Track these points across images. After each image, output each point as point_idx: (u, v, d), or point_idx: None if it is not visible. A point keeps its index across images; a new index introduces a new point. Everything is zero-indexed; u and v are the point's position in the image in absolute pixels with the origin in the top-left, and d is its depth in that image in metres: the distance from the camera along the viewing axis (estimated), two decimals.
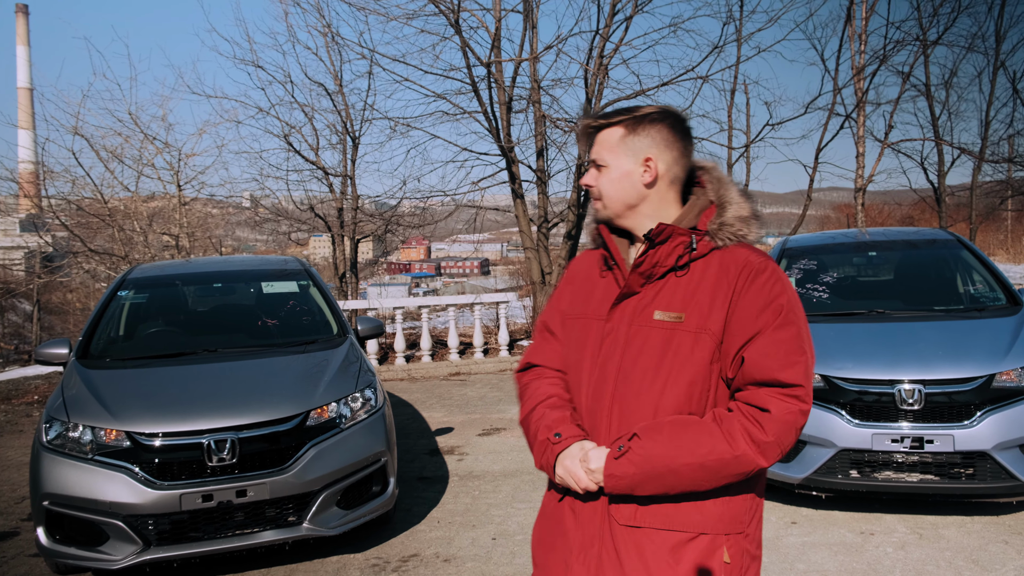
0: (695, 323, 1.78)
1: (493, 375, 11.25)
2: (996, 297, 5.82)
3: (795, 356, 1.72)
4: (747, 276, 1.77)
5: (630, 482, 1.72)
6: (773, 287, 1.77)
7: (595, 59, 12.37)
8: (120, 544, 4.08)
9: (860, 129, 14.81)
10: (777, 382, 1.71)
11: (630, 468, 1.71)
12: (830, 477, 4.82)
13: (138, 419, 4.24)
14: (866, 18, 14.45)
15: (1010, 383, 4.71)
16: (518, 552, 4.60)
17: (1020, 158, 16.18)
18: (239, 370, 4.83)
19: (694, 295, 1.80)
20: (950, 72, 16.09)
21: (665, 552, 1.74)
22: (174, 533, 4.14)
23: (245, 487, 4.17)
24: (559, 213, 14.20)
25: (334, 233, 13.44)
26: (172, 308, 5.84)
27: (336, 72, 12.98)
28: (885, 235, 7.12)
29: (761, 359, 1.72)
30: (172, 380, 4.69)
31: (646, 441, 1.72)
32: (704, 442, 1.70)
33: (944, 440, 4.59)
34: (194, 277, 6.20)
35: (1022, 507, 4.95)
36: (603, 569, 1.78)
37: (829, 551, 4.44)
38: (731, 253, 1.82)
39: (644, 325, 1.82)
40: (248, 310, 5.95)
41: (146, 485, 4.07)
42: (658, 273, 1.84)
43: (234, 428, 4.24)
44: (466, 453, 6.89)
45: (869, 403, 4.79)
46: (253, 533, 4.25)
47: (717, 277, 1.80)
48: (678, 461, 1.69)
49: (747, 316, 1.75)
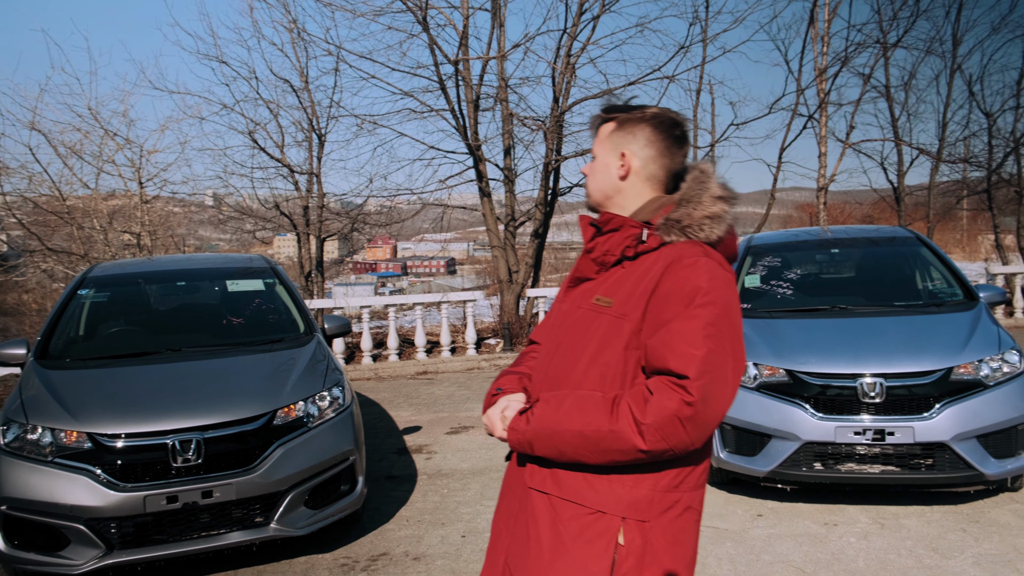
0: (618, 309, 1.83)
1: (461, 374, 11.23)
2: (953, 293, 5.96)
3: (691, 347, 1.70)
4: (673, 268, 1.79)
5: (525, 437, 1.84)
6: (694, 279, 1.76)
7: (563, 58, 12.40)
8: (82, 548, 4.00)
9: (822, 129, 15.05)
10: (668, 370, 1.72)
11: (525, 425, 1.83)
12: (795, 470, 4.90)
13: (100, 420, 4.16)
14: (828, 20, 14.69)
15: (967, 376, 4.83)
16: None
17: (975, 159, 16.57)
18: (204, 369, 4.76)
19: (624, 283, 1.86)
20: (909, 74, 16.43)
21: (564, 521, 1.81)
22: (138, 536, 4.07)
23: (211, 488, 4.11)
24: (526, 212, 14.21)
25: (300, 232, 13.30)
26: (134, 307, 5.74)
27: (302, 68, 12.85)
28: (847, 233, 7.25)
29: (659, 347, 1.74)
30: (135, 380, 4.61)
31: (544, 404, 1.83)
32: (589, 412, 1.75)
33: (905, 432, 4.69)
34: (157, 275, 6.10)
35: (980, 496, 5.07)
36: (516, 529, 1.91)
37: (794, 542, 4.51)
38: (674, 248, 1.84)
39: (584, 307, 1.93)
40: (213, 309, 5.86)
41: (108, 487, 3.99)
42: (610, 261, 1.92)
43: (199, 428, 4.18)
44: (434, 452, 6.87)
45: (832, 397, 4.87)
46: (220, 535, 4.19)
47: (648, 268, 1.84)
48: (562, 425, 1.77)
49: (660, 306, 1.78)
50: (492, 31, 12.69)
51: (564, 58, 12.43)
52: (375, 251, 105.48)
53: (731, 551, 4.42)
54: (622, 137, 1.95)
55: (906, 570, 4.08)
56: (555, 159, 12.92)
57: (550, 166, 12.94)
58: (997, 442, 4.75)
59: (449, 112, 12.31)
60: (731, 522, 4.86)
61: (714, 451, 5.20)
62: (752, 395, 5.05)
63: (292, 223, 13.19)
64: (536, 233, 13.65)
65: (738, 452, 5.12)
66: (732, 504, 5.17)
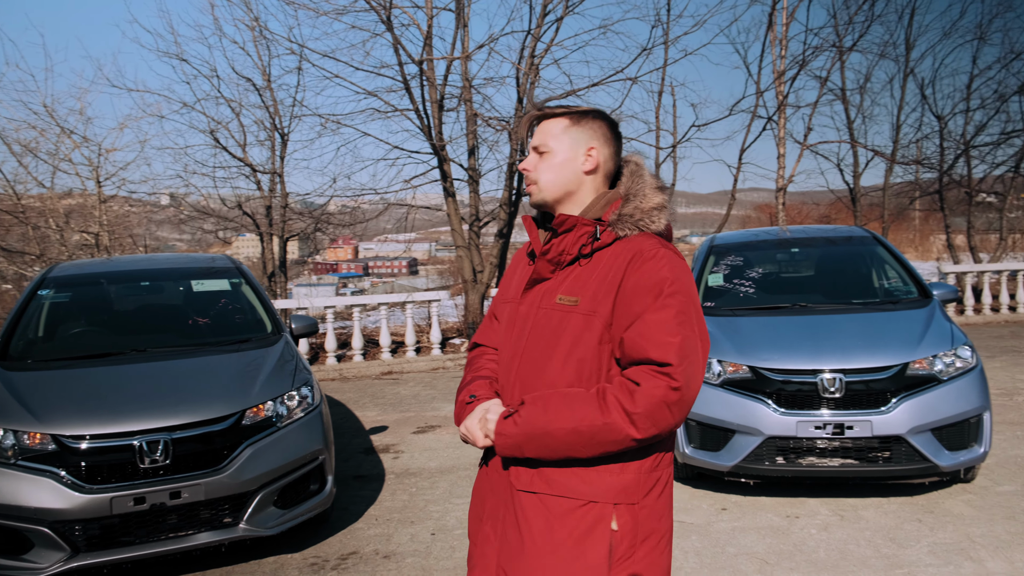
0: (586, 306, 1.90)
1: (426, 373, 11.23)
2: (909, 290, 6.14)
3: (668, 336, 1.80)
4: (636, 263, 1.88)
5: (514, 441, 1.87)
6: (659, 272, 1.85)
7: (527, 59, 12.48)
8: (46, 552, 3.94)
9: (781, 131, 15.34)
10: (649, 360, 1.81)
11: (514, 428, 1.87)
12: (757, 464, 5.01)
13: (64, 421, 4.10)
14: (786, 24, 14.98)
15: (923, 371, 4.99)
16: (457, 547, 4.63)
17: (927, 161, 17.03)
18: (171, 370, 4.72)
19: (588, 280, 1.93)
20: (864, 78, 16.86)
21: (557, 517, 1.86)
22: (104, 538, 4.02)
23: (179, 488, 4.08)
24: (490, 212, 14.27)
25: (263, 231, 13.18)
26: (97, 307, 5.64)
27: (264, 67, 12.75)
28: (806, 233, 7.42)
29: (637, 339, 1.83)
30: (100, 381, 4.55)
31: (530, 406, 1.87)
32: (579, 409, 1.82)
33: (863, 426, 4.83)
34: (120, 275, 6.00)
35: (935, 487, 5.24)
36: (507, 532, 1.93)
37: (758, 534, 4.62)
38: (630, 242, 1.94)
39: (546, 307, 1.96)
40: (178, 309, 5.80)
41: (74, 489, 3.94)
42: (565, 261, 1.97)
43: (167, 429, 4.15)
44: (402, 451, 6.87)
45: (793, 392, 4.99)
46: (188, 535, 4.16)
47: (609, 264, 1.92)
48: (554, 424, 1.83)
49: (630, 300, 1.86)
50: (456, 31, 12.72)
51: (528, 59, 12.51)
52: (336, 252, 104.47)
53: (697, 544, 4.51)
54: (583, 132, 2.00)
55: (865, 559, 4.21)
56: (520, 159, 13.00)
57: (515, 166, 13.00)
58: (951, 435, 4.91)
59: (413, 112, 12.31)
60: (696, 516, 4.96)
61: (679, 447, 5.29)
62: (716, 391, 5.15)
63: (255, 223, 13.06)
64: (500, 233, 13.71)
65: (703, 447, 5.22)
66: (697, 499, 5.27)
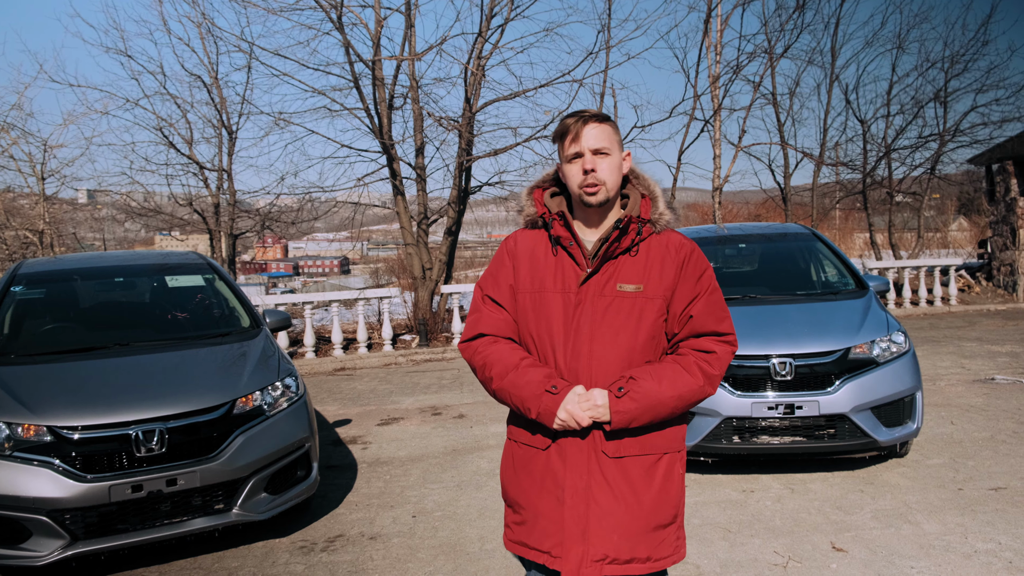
0: (651, 291, 2.24)
1: (379, 369, 11.38)
2: (846, 282, 6.65)
3: (726, 313, 2.31)
4: (685, 254, 2.29)
5: (631, 416, 2.15)
6: (703, 262, 2.32)
7: (475, 60, 12.72)
8: (44, 540, 4.03)
9: (717, 133, 15.98)
10: (716, 332, 2.29)
11: (631, 404, 2.15)
12: (716, 443, 5.40)
13: (60, 413, 4.18)
14: (721, 31, 15.61)
15: (863, 355, 5.46)
16: (440, 527, 4.87)
17: (852, 162, 17.96)
18: (158, 362, 4.82)
19: (647, 270, 2.25)
20: (794, 83, 17.74)
21: (642, 471, 2.23)
22: (102, 525, 4.13)
23: (175, 476, 4.21)
24: (438, 210, 14.46)
25: (211, 229, 13.08)
26: (73, 303, 5.67)
27: (211, 64, 12.70)
28: (751, 229, 7.90)
29: (704, 316, 2.28)
30: (90, 373, 4.63)
31: (641, 382, 2.17)
32: (680, 378, 2.20)
33: (810, 406, 5.26)
34: (92, 272, 6.02)
35: (874, 462, 5.73)
36: (593, 496, 2.20)
37: (718, 507, 5.00)
38: (666, 237, 2.32)
39: (611, 295, 2.24)
40: (155, 304, 5.86)
41: (72, 478, 4.03)
42: (615, 253, 2.25)
43: (161, 419, 4.27)
44: (370, 442, 7.06)
45: (747, 375, 5.40)
46: (183, 522, 4.29)
47: (662, 256, 2.27)
48: (665, 394, 2.18)
49: (689, 284, 2.27)
50: (406, 32, 12.87)
51: (476, 60, 12.76)
52: (265, 251, 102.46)
53: None
54: (619, 136, 2.29)
55: (817, 525, 4.63)
56: (467, 159, 13.23)
57: (462, 165, 13.23)
58: (888, 413, 5.40)
59: (363, 111, 12.42)
60: None
61: None
62: None
63: (204, 220, 12.96)
64: (449, 231, 13.92)
65: None
66: None
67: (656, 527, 2.24)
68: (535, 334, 2.29)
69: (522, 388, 2.21)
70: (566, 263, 2.28)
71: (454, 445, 6.82)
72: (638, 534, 2.21)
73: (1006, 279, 15.70)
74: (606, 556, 2.20)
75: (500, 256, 2.42)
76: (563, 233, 2.28)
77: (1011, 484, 5.15)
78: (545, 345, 2.27)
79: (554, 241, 2.30)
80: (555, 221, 2.30)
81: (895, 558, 4.12)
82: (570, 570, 2.20)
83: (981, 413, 7.01)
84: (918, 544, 4.29)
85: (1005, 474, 5.35)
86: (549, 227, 2.32)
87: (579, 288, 2.25)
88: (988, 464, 5.58)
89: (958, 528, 4.48)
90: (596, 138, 2.21)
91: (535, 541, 2.28)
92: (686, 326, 2.27)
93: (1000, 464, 5.56)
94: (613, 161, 2.24)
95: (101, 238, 18.46)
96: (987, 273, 16.44)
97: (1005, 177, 15.53)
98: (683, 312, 2.26)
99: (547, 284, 2.28)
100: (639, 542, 2.21)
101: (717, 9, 15.20)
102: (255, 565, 4.42)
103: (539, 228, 2.37)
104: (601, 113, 2.27)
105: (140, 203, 12.94)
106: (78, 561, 4.13)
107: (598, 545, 2.20)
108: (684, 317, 2.26)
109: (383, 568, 4.31)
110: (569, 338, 2.23)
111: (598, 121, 2.23)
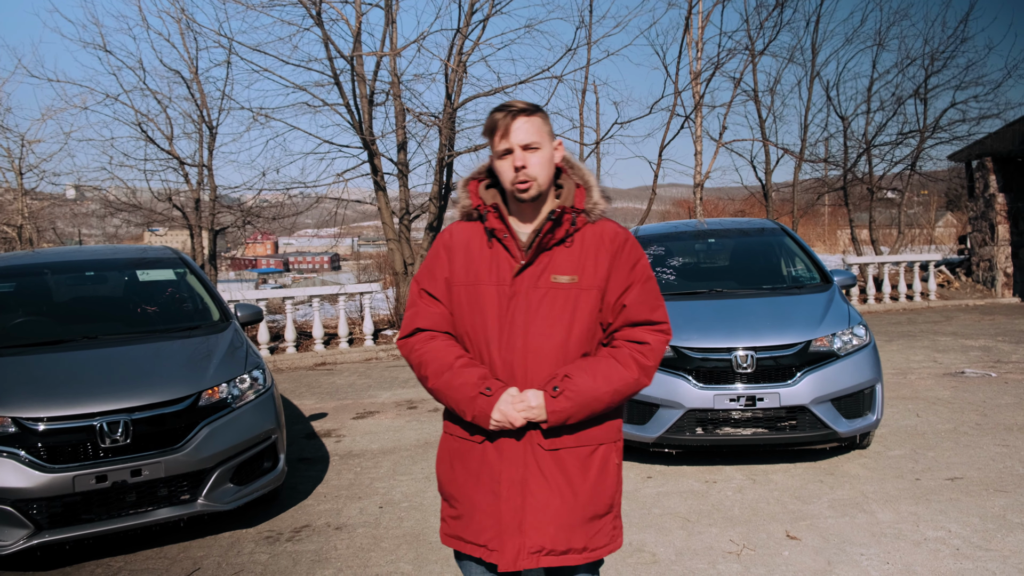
0: (586, 282, 2.25)
1: (360, 364, 11.44)
2: (812, 277, 6.75)
3: (659, 301, 2.34)
4: (619, 243, 2.30)
5: (567, 414, 2.19)
6: (636, 250, 2.33)
7: (455, 56, 12.76)
8: (9, 529, 4.07)
9: (698, 129, 16.06)
10: (649, 321, 2.30)
11: (566, 403, 2.18)
12: (679, 435, 5.48)
13: (25, 404, 4.23)
14: (702, 28, 15.68)
15: (823, 348, 5.55)
16: (406, 517, 4.94)
17: (833, 159, 18.10)
18: (125, 355, 4.87)
19: (581, 261, 2.26)
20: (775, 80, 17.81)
21: (578, 463, 2.26)
22: (66, 515, 4.18)
23: (140, 467, 4.26)
24: (420, 205, 14.50)
25: (192, 224, 13.09)
26: (43, 296, 5.70)
27: (191, 60, 12.67)
28: (721, 224, 8.00)
29: (638, 305, 2.29)
30: (56, 365, 4.67)
31: (576, 379, 2.19)
32: (615, 373, 2.23)
33: (772, 397, 5.35)
34: (63, 265, 6.05)
35: (835, 453, 5.83)
36: (529, 488, 2.23)
37: (680, 497, 5.09)
38: (600, 226, 2.32)
39: (545, 287, 2.24)
40: (125, 298, 5.90)
41: (36, 469, 4.08)
42: (549, 244, 2.26)
43: (126, 410, 4.32)
44: (343, 435, 7.12)
45: (711, 368, 5.49)
46: (148, 511, 4.35)
47: (597, 246, 2.28)
48: (600, 390, 2.20)
49: (623, 273, 2.28)
50: (386, 28, 12.89)
51: (456, 56, 12.79)
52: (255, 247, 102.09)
53: (625, 508, 4.94)
54: (549, 127, 2.28)
55: (774, 514, 4.72)
56: (448, 154, 13.27)
57: (444, 161, 13.28)
58: (848, 404, 5.50)
59: (344, 107, 12.44)
60: (624, 484, 5.40)
61: None
62: None
63: (184, 216, 12.98)
64: (431, 226, 13.96)
65: (629, 421, 5.67)
66: (624, 469, 5.72)
67: (592, 517, 2.27)
68: (470, 328, 2.28)
69: (456, 390, 2.22)
70: (501, 255, 2.27)
71: (427, 438, 6.89)
72: (574, 525, 2.24)
73: (985, 274, 15.86)
74: (543, 548, 2.22)
75: (436, 249, 2.39)
76: (497, 225, 2.27)
77: (967, 474, 5.25)
78: (479, 339, 2.26)
79: (489, 233, 2.29)
80: (490, 213, 2.28)
81: (846, 545, 4.22)
82: (507, 563, 2.21)
83: (947, 406, 7.12)
84: (870, 532, 4.38)
85: (963, 465, 5.46)
86: (484, 219, 2.30)
87: (513, 280, 2.24)
88: (948, 455, 5.68)
89: (911, 516, 4.57)
90: (526, 133, 2.19)
91: (471, 535, 2.29)
92: (620, 315, 2.27)
93: (959, 455, 5.67)
94: (544, 155, 2.23)
95: (80, 234, 18.38)
96: (967, 268, 16.61)
97: (984, 173, 15.69)
98: (617, 301, 2.26)
99: (482, 276, 2.27)
100: (575, 533, 2.24)
101: (698, 6, 15.28)
102: (220, 555, 4.48)
103: (475, 220, 2.35)
104: (530, 105, 2.24)
105: (121, 199, 12.92)
106: (43, 550, 4.17)
107: (534, 537, 2.21)
108: (618, 306, 2.26)
109: (346, 557, 4.38)
110: (504, 331, 2.22)
111: (527, 114, 2.21)
